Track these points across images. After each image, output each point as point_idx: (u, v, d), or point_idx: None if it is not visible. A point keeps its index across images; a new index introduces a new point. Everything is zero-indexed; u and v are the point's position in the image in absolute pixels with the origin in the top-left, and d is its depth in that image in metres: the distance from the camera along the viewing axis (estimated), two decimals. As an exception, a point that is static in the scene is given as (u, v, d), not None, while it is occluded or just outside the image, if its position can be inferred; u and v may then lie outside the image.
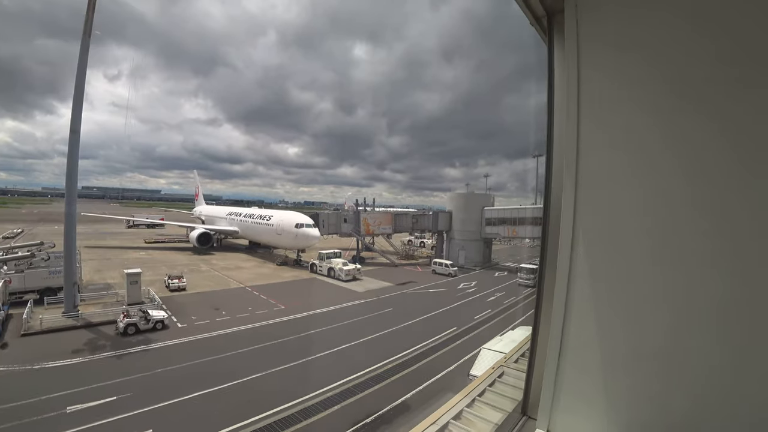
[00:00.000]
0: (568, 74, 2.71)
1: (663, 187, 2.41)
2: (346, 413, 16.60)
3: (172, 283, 35.60)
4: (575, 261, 2.78)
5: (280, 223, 52.21)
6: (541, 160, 61.76)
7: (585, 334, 2.77)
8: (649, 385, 2.56)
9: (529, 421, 3.39)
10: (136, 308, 25.73)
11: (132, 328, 24.19)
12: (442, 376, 20.35)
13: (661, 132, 2.41)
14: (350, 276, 43.24)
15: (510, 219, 54.68)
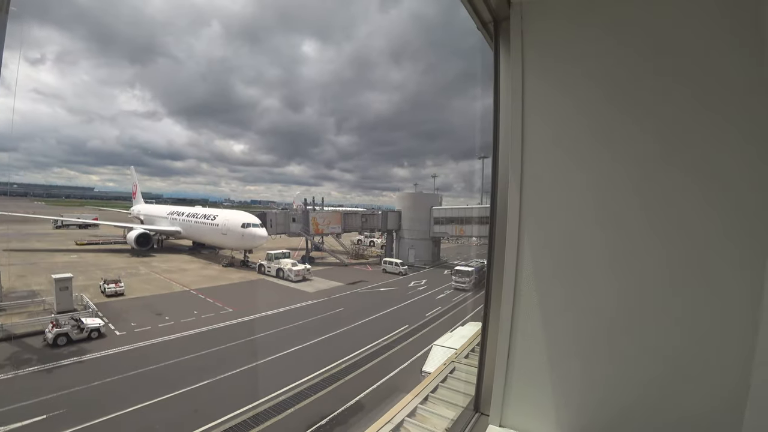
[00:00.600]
0: (513, 79, 2.86)
1: (601, 185, 2.61)
2: (299, 416, 16.43)
3: (108, 287, 33.26)
4: (522, 258, 2.91)
5: (226, 222, 50.44)
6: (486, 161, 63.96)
7: (533, 331, 2.90)
8: (594, 375, 2.73)
9: (482, 418, 3.46)
10: (67, 316, 23.85)
11: (63, 338, 22.41)
12: (396, 374, 20.64)
13: (597, 133, 2.62)
14: (300, 276, 42.69)
15: (457, 218, 56.21)
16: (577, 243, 2.72)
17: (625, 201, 2.55)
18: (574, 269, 2.74)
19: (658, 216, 2.46)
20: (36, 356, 21.04)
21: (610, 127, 2.58)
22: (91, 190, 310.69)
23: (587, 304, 2.71)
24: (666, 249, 2.44)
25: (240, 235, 48.59)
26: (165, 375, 19.41)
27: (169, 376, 19.21)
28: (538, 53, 2.78)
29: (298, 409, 17.00)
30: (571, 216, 2.72)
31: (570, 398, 2.82)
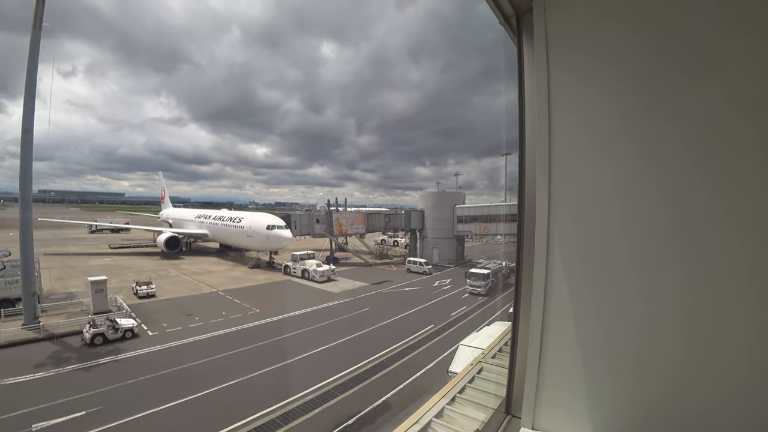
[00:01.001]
0: (538, 73, 2.76)
1: (630, 182, 2.51)
2: (327, 416, 16.52)
3: (140, 289, 34.39)
4: (552, 257, 2.82)
5: (251, 225, 51.33)
6: (510, 158, 63.11)
7: (565, 331, 2.80)
8: (629, 380, 2.61)
9: (514, 420, 3.38)
10: (103, 317, 24.75)
11: (99, 338, 23.26)
12: (422, 374, 20.53)
13: (626, 129, 2.51)
14: (325, 277, 42.97)
15: (481, 216, 55.57)
16: (607, 240, 2.62)
17: (653, 199, 2.46)
18: (605, 267, 2.64)
19: (688, 215, 2.37)
20: (75, 355, 21.89)
21: (639, 123, 2.47)
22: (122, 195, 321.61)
23: (620, 303, 2.61)
24: (696, 248, 2.35)
25: (265, 237, 49.33)
26: (196, 374, 19.84)
27: (200, 375, 19.63)
28: (563, 46, 2.68)
29: (326, 408, 17.10)
30: (601, 213, 2.63)
31: (605, 401, 2.72)
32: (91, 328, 23.42)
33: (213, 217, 62.32)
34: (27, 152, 25.70)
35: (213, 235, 61.22)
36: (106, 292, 29.68)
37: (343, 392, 18.41)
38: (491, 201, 58.42)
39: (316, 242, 62.67)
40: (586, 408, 2.77)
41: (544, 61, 2.73)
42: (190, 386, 18.30)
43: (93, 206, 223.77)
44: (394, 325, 28.67)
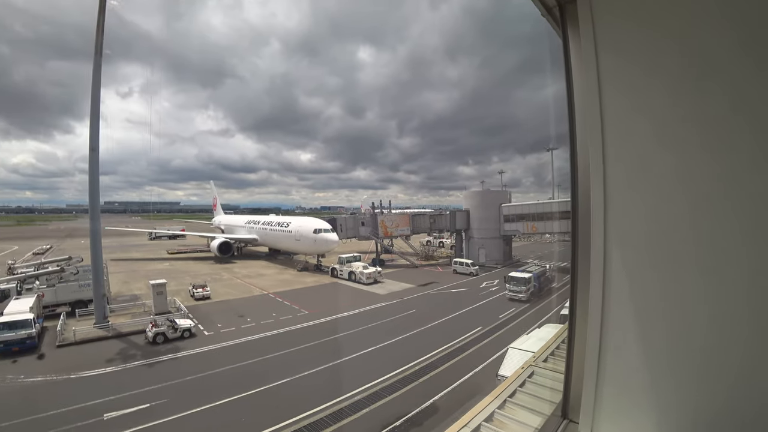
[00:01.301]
0: (587, 65, 2.63)
1: (693, 177, 2.33)
2: (375, 416, 16.56)
3: (196, 292, 36.14)
4: (609, 256, 2.68)
5: (299, 229, 52.61)
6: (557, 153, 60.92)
7: (625, 333, 2.67)
8: (694, 385, 2.45)
9: (571, 425, 3.25)
10: (163, 318, 26.20)
11: (161, 337, 24.65)
12: (471, 377, 20.14)
13: (686, 120, 2.33)
14: (371, 279, 43.25)
15: (529, 215, 53.93)
16: (668, 238, 2.46)
17: (717, 195, 2.28)
18: (667, 266, 2.48)
19: (755, 211, 2.18)
20: (140, 352, 23.31)
21: (699, 114, 2.29)
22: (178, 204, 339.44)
23: (684, 304, 2.44)
24: (764, 247, 2.16)
25: (312, 241, 50.38)
26: (248, 372, 20.50)
27: (252, 374, 20.26)
28: (613, 33, 2.53)
29: (374, 409, 17.14)
30: (662, 209, 2.47)
31: (668, 406, 2.56)
32: (153, 328, 24.86)
33: (262, 223, 64.48)
34: (94, 168, 27.84)
35: (262, 240, 63.32)
36: (165, 295, 31.39)
37: (391, 393, 18.38)
38: (538, 198, 56.68)
39: (361, 245, 63.31)
40: (648, 414, 2.64)
41: (593, 51, 2.59)
42: (243, 384, 18.93)
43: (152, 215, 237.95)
44: (441, 327, 28.35)
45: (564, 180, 65.69)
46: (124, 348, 23.94)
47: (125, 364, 21.54)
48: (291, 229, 54.17)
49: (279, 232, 57.50)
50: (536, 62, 25.36)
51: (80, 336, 25.15)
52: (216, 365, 21.11)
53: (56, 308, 30.24)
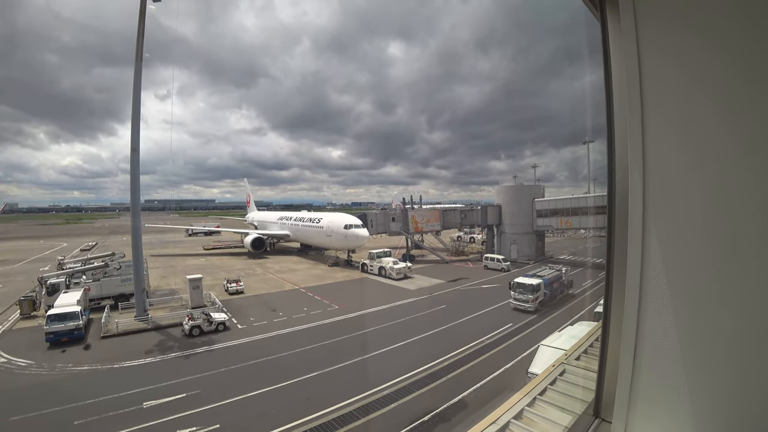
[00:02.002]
0: (627, 52, 2.49)
1: (737, 183, 2.20)
2: (403, 411, 16.55)
3: (230, 286, 37.16)
4: (647, 253, 2.58)
5: (330, 225, 53.17)
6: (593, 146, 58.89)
7: (663, 332, 2.58)
8: (734, 388, 2.34)
9: (603, 424, 3.17)
10: (199, 311, 27.13)
11: (196, 329, 25.50)
12: (500, 374, 19.83)
13: (732, 115, 2.18)
14: (401, 274, 43.23)
15: (563, 210, 52.44)
16: (712, 237, 2.33)
17: (760, 199, 2.15)
18: (708, 265, 2.37)
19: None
20: (177, 344, 24.20)
21: (746, 108, 2.14)
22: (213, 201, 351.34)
23: (724, 304, 2.32)
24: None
25: (343, 236, 50.85)
26: (280, 365, 20.92)
27: (284, 366, 20.66)
28: (655, 21, 2.39)
29: (402, 403, 17.13)
30: (704, 207, 2.35)
31: (706, 408, 2.46)
32: (189, 321, 25.74)
33: (294, 219, 65.59)
34: (135, 168, 29.04)
35: (294, 236, 64.42)
36: (201, 289, 32.42)
37: (420, 388, 18.32)
38: (573, 193, 54.92)
39: (392, 240, 63.43)
40: (684, 417, 2.55)
41: (633, 38, 2.46)
42: (275, 376, 19.34)
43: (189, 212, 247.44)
44: (471, 323, 28.02)
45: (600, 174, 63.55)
46: (162, 340, 24.93)
47: (163, 355, 22.43)
48: (322, 225, 54.85)
49: (310, 228, 58.33)
50: (572, 52, 24.06)
51: (122, 328, 26.42)
52: (248, 358, 21.65)
53: (101, 301, 31.87)
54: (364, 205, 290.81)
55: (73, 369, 20.57)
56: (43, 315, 27.32)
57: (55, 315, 24.47)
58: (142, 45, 28.33)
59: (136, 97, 28.79)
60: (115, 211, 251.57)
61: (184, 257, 61.21)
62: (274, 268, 50.53)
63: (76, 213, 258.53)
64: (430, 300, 34.67)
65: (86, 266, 36.05)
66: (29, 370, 20.50)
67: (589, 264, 51.89)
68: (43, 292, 30.98)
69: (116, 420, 15.73)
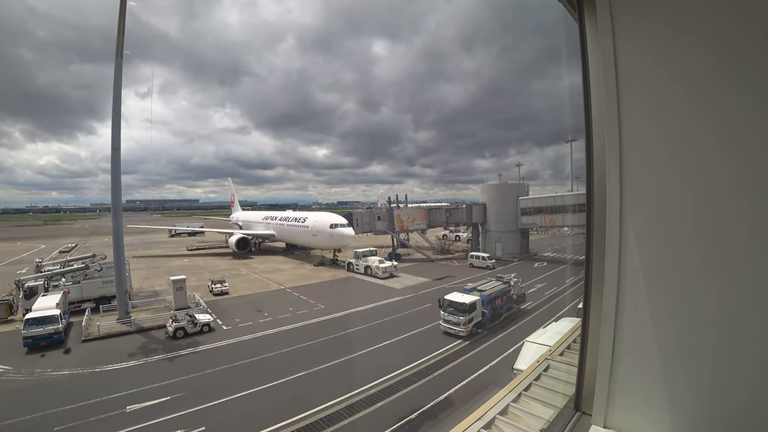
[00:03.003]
0: (604, 51, 2.53)
1: (713, 176, 2.26)
2: (390, 409, 16.64)
3: (215, 287, 36.78)
4: (625, 250, 2.64)
5: (315, 224, 52.96)
6: (576, 144, 59.87)
7: (640, 326, 2.64)
8: (709, 380, 2.42)
9: (584, 417, 3.23)
10: (183, 313, 26.77)
11: (181, 331, 25.18)
12: (486, 371, 20.04)
13: (706, 111, 2.24)
14: (387, 273, 43.30)
15: (546, 208, 53.18)
16: (685, 232, 2.40)
17: (734, 190, 2.21)
18: (683, 260, 2.43)
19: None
20: (161, 346, 23.88)
21: (720, 105, 2.20)
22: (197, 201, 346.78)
23: (698, 298, 2.40)
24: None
25: (329, 236, 50.70)
26: (266, 366, 20.82)
27: (270, 367, 20.57)
28: (631, 19, 2.43)
29: (389, 402, 17.23)
30: (679, 202, 2.41)
31: (683, 401, 2.53)
32: (173, 323, 25.40)
33: (279, 218, 65.12)
34: (116, 167, 28.50)
35: (279, 235, 63.98)
36: (185, 290, 32.01)
37: (406, 387, 18.43)
38: (556, 191, 55.74)
39: (378, 239, 63.39)
40: (662, 407, 2.62)
41: (610, 35, 2.50)
42: (261, 377, 19.24)
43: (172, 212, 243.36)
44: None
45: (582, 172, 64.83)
46: (145, 342, 24.55)
47: (147, 358, 22.10)
48: (308, 225, 54.60)
49: (296, 228, 58.00)
50: (555, 52, 24.29)
51: (104, 331, 25.89)
52: (234, 359, 21.47)
53: (81, 304, 31.12)
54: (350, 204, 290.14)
55: (52, 374, 20.12)
56: (20, 319, 26.66)
57: (34, 319, 23.88)
58: (123, 41, 27.78)
59: (117, 95, 28.23)
60: (96, 212, 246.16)
61: (168, 258, 60.27)
62: (259, 268, 50.13)
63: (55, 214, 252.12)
64: (415, 298, 34.79)
65: (66, 268, 35.22)
66: (6, 376, 19.97)
67: (571, 261, 52.71)
68: (21, 296, 30.16)
69: (98, 425, 15.47)
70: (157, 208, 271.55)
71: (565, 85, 8.34)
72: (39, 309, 25.44)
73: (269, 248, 69.04)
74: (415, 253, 59.05)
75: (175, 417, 15.98)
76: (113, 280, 30.18)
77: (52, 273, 34.28)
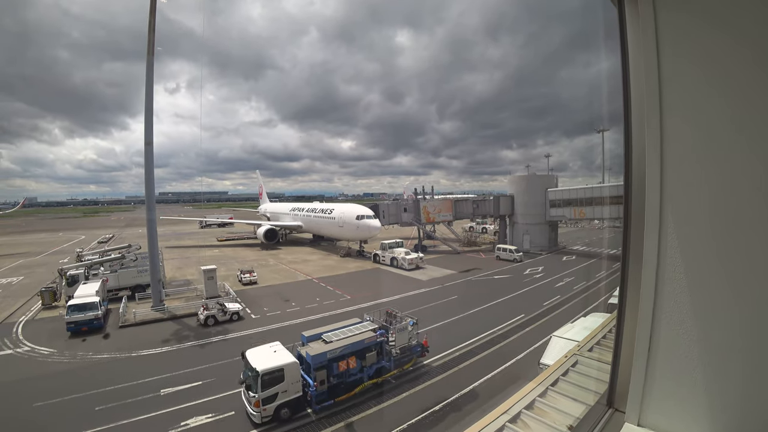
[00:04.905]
0: (645, 44, 2.43)
1: (757, 175, 2.15)
2: (415, 400, 16.71)
3: (244, 277, 37.65)
4: (665, 247, 2.55)
5: (342, 215, 53.34)
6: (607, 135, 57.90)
7: (679, 323, 2.55)
8: (750, 381, 2.31)
9: (617, 414, 3.18)
10: (213, 301, 27.51)
11: (211, 319, 25.94)
12: (511, 365, 19.81)
13: (753, 120, 2.14)
14: (413, 265, 43.27)
15: (576, 200, 51.77)
16: (730, 230, 2.30)
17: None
18: (729, 260, 2.32)
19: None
20: (192, 333, 24.68)
21: (757, 108, 2.10)
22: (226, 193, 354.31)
23: (742, 297, 2.29)
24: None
25: (355, 227, 51.00)
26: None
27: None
28: (674, 14, 2.33)
29: (413, 393, 17.31)
30: (726, 198, 2.30)
31: (722, 401, 2.43)
32: (204, 311, 26.18)
33: (306, 210, 65.93)
34: (149, 161, 29.31)
35: (306, 227, 64.81)
36: (216, 280, 32.81)
37: (432, 378, 18.44)
38: (587, 183, 54.13)
39: (404, 231, 63.36)
40: (698, 409, 2.54)
41: (652, 27, 2.40)
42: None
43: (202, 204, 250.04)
44: (482, 314, 27.98)
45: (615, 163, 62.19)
46: (178, 329, 25.42)
47: (179, 344, 22.89)
48: (334, 216, 55.05)
49: (322, 219, 58.59)
50: (586, 37, 22.63)
51: (139, 318, 26.99)
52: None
53: (118, 292, 32.58)
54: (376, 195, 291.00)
55: (93, 357, 21.12)
56: (63, 305, 28.07)
57: (76, 305, 25.09)
58: (154, 39, 28.46)
59: (149, 91, 28.98)
60: (131, 204, 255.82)
61: (199, 248, 62.04)
62: (286, 259, 50.96)
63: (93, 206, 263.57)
64: (441, 290, 34.67)
65: (104, 258, 36.78)
66: (51, 358, 21.10)
67: (602, 255, 51.31)
68: (63, 283, 31.74)
69: (134, 406, 16.13)
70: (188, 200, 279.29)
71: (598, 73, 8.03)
72: (80, 296, 26.71)
73: (296, 239, 70.05)
74: (441, 245, 58.76)
75: (206, 401, 16.50)
76: (148, 270, 31.30)
77: (91, 262, 35.85)
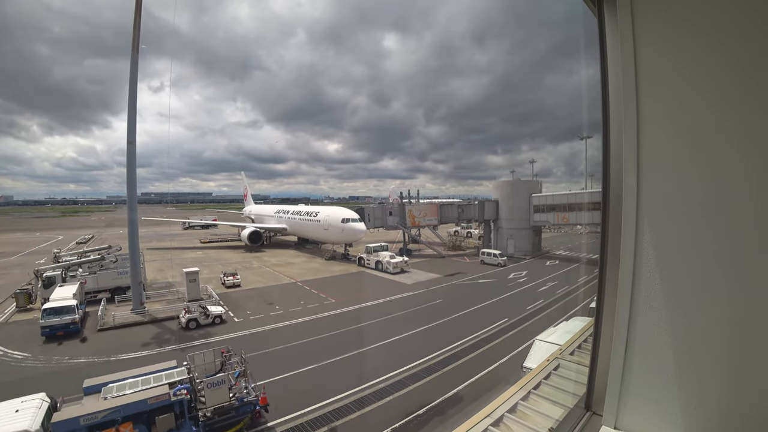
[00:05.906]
0: (623, 48, 2.47)
1: (731, 178, 2.20)
2: (398, 404, 16.67)
3: (227, 280, 37.20)
4: (640, 250, 2.59)
5: (327, 218, 53.17)
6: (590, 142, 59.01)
7: (654, 327, 2.59)
8: (723, 383, 2.37)
9: (594, 417, 3.21)
10: (195, 304, 27.12)
11: (193, 322, 25.56)
12: (495, 368, 19.96)
13: (728, 112, 2.18)
14: (398, 268, 43.33)
15: (560, 205, 52.55)
16: (703, 234, 2.35)
17: (757, 197, 2.16)
18: (699, 262, 2.38)
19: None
20: (174, 337, 24.29)
21: (742, 105, 2.14)
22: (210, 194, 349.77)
23: (714, 301, 2.35)
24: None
25: (340, 230, 50.87)
26: (276, 358, 20.99)
27: (280, 360, 20.74)
28: (652, 16, 2.37)
29: (397, 397, 17.26)
30: (697, 203, 2.35)
31: (696, 403, 2.48)
32: (186, 314, 25.77)
33: (291, 212, 65.56)
34: (132, 160, 28.80)
35: (291, 229, 64.42)
36: (198, 282, 32.39)
37: (415, 382, 18.45)
38: (570, 189, 54.99)
39: (389, 234, 63.45)
40: (674, 410, 2.58)
41: (630, 30, 2.44)
42: (270, 369, 19.39)
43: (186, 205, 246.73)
44: (466, 318, 28.15)
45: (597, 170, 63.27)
46: (159, 333, 24.98)
47: (160, 348, 22.49)
48: (319, 219, 54.86)
49: (307, 222, 58.31)
50: (569, 46, 23.38)
51: (119, 321, 26.42)
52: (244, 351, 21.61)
53: (97, 294, 31.88)
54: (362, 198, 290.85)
55: (69, 362, 20.59)
56: (39, 308, 27.31)
57: (51, 309, 24.44)
58: (139, 36, 28.06)
59: (133, 89, 28.50)
60: (112, 204, 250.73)
61: (181, 250, 61.10)
62: (271, 262, 50.54)
63: (72, 206, 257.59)
64: (426, 294, 34.79)
65: (82, 259, 35.95)
66: (25, 363, 20.51)
67: (584, 260, 52.13)
68: (39, 285, 30.94)
69: (113, 412, 15.72)
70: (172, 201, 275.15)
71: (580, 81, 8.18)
72: (56, 299, 26.04)
73: (281, 242, 69.50)
74: (426, 249, 58.97)
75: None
76: (128, 271, 30.73)
77: (69, 263, 35.01)
